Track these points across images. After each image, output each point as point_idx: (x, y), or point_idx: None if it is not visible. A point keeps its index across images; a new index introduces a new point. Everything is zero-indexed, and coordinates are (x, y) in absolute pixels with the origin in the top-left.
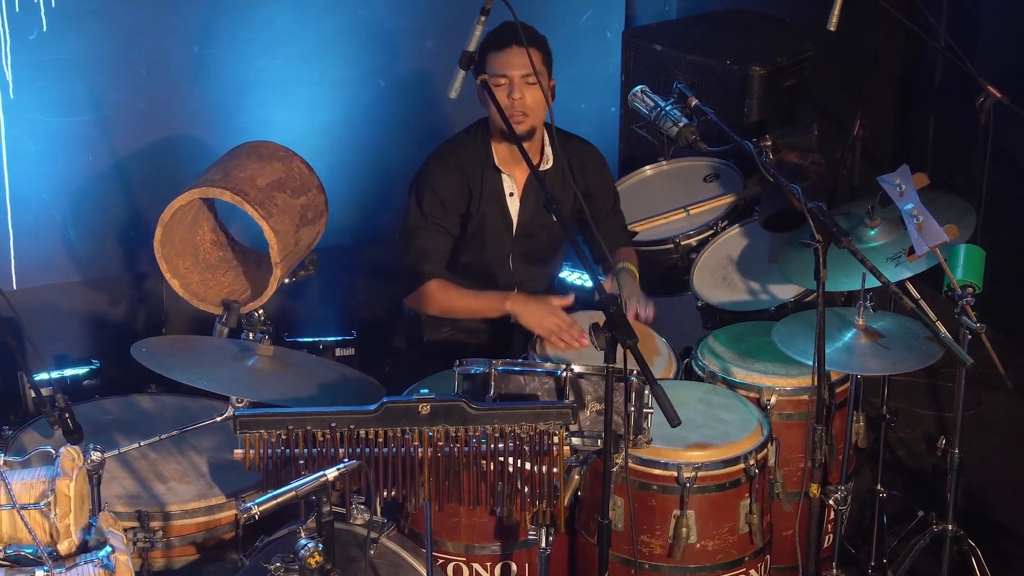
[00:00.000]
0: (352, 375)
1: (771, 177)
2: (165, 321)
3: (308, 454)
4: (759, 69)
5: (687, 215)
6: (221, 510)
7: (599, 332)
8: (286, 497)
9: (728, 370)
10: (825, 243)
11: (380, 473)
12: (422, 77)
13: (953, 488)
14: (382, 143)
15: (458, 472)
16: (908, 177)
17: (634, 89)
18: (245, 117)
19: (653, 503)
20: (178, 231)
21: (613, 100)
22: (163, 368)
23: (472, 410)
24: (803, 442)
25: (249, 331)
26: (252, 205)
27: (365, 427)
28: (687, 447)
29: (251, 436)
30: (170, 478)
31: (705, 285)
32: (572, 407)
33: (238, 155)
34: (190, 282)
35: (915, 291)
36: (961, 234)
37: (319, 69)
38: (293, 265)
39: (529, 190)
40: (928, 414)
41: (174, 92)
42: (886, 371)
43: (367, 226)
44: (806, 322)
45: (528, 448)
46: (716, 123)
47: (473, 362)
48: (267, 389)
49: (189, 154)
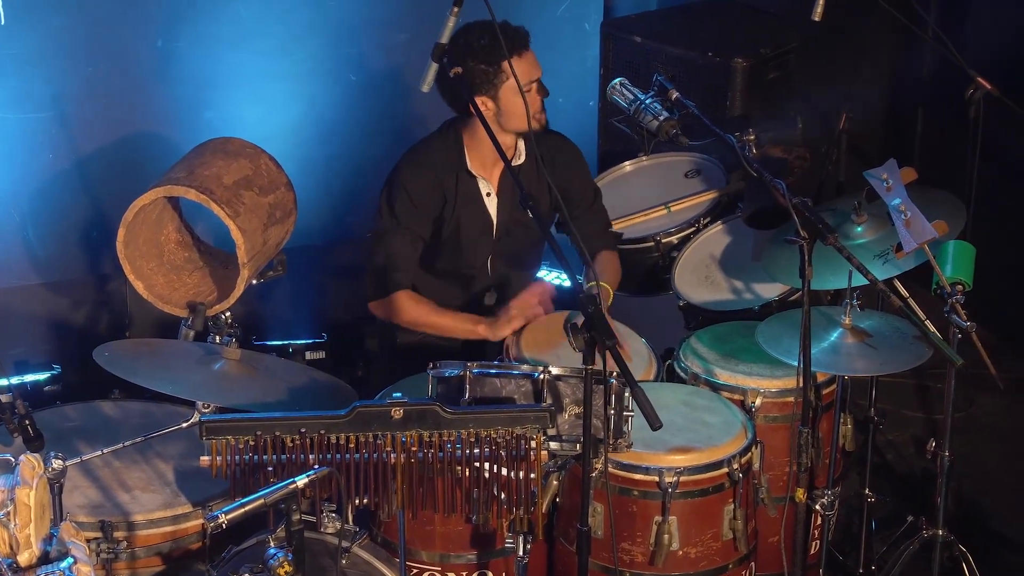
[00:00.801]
0: (322, 379)
1: (755, 172)
2: (128, 324)
3: (277, 461)
4: (742, 61)
5: (668, 212)
6: (187, 519)
7: (577, 332)
8: (254, 505)
9: (711, 371)
10: (811, 240)
11: (352, 480)
12: (394, 71)
13: (943, 492)
14: (352, 139)
15: (432, 478)
16: (896, 172)
17: (613, 82)
18: (211, 113)
19: (634, 509)
20: (142, 231)
21: (591, 94)
22: (127, 373)
23: (446, 414)
24: (788, 445)
25: (216, 334)
26: (218, 204)
27: (336, 432)
28: (669, 451)
29: (218, 442)
30: (134, 487)
31: (687, 284)
32: (550, 410)
33: (203, 152)
34: (154, 284)
35: (903, 289)
36: (950, 230)
37: (287, 63)
38: (261, 266)
39: (505, 187)
40: (917, 416)
41: (137, 87)
42: (874, 372)
43: (337, 225)
44: (791, 322)
45: (504, 453)
46: (698, 117)
47: (447, 365)
48: (234, 394)
49: (153, 151)
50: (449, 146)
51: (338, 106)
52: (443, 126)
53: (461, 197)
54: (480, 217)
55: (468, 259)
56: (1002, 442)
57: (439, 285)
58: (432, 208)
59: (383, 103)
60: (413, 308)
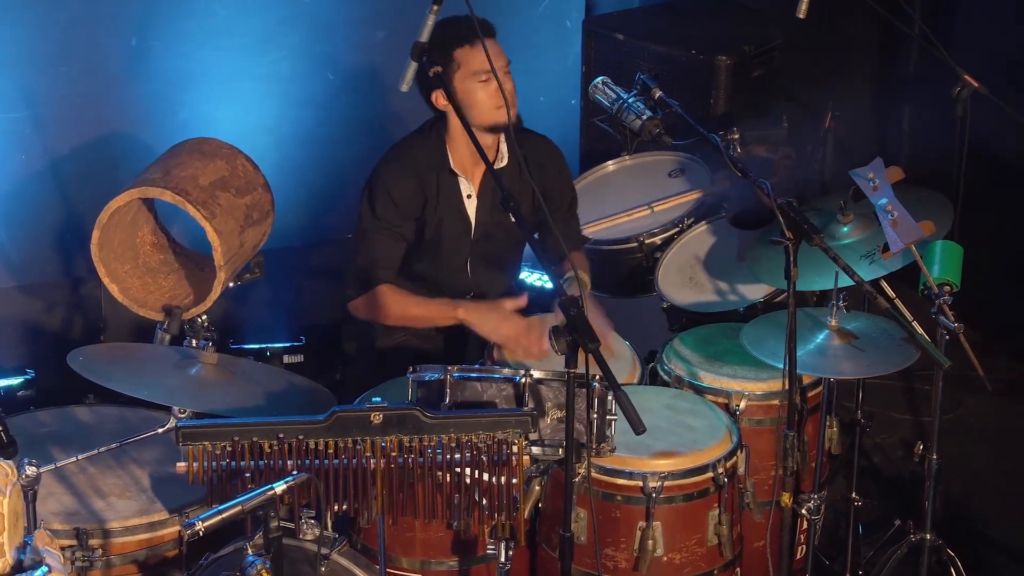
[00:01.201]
0: (301, 383)
1: (739, 172)
2: (103, 328)
3: (255, 467)
4: (726, 59)
5: (651, 212)
6: (164, 526)
7: (560, 335)
8: (232, 512)
9: (695, 374)
10: (796, 241)
11: (331, 486)
12: (372, 70)
13: (931, 496)
14: (331, 139)
15: (412, 484)
16: (882, 171)
17: (595, 81)
18: (186, 113)
19: (617, 514)
20: (116, 233)
21: (573, 92)
22: (101, 378)
23: (427, 419)
24: (774, 449)
25: (192, 338)
26: (194, 205)
27: (314, 438)
28: (653, 455)
29: (195, 448)
30: (110, 493)
31: (671, 285)
32: (532, 415)
33: (179, 153)
34: (129, 287)
35: (890, 290)
36: (938, 230)
37: (264, 62)
38: (238, 268)
39: (486, 189)
40: (905, 418)
41: (111, 87)
42: (860, 374)
43: (315, 226)
44: (776, 323)
45: (486, 458)
46: (681, 116)
47: (427, 368)
48: (211, 399)
49: (128, 152)
50: (431, 145)
51: (316, 105)
52: (424, 125)
53: (443, 196)
54: (460, 219)
55: (447, 261)
56: (991, 444)
57: (419, 289)
58: (414, 208)
59: (361, 102)
60: (392, 302)
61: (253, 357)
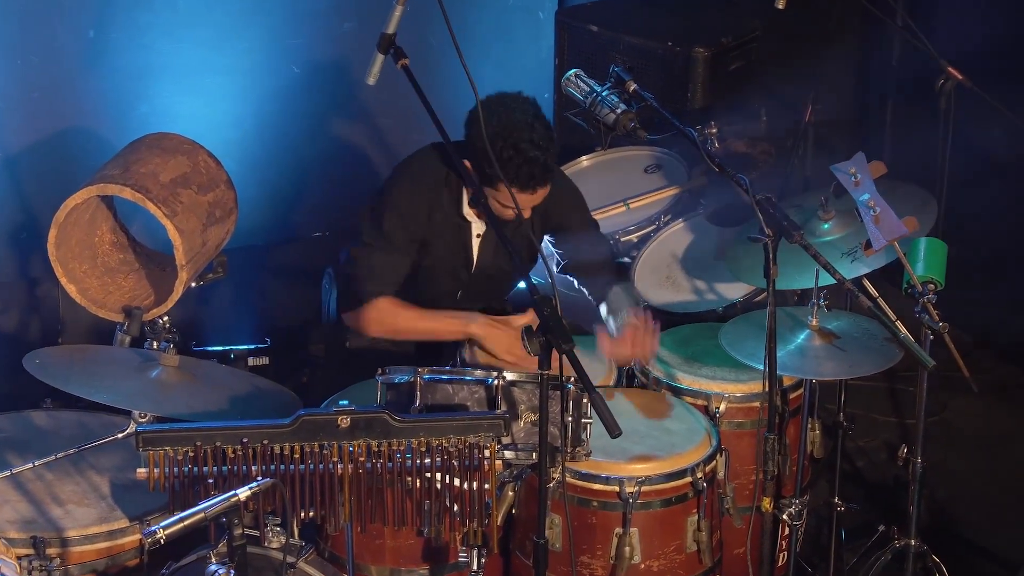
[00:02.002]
0: (266, 386)
1: (717, 167)
2: (61, 330)
3: (218, 472)
4: (703, 51)
5: (627, 209)
6: (124, 535)
7: (532, 336)
8: (194, 519)
9: (673, 376)
10: (775, 238)
11: (297, 492)
12: (339, 62)
13: (916, 500)
14: (296, 134)
15: (381, 490)
16: (864, 166)
17: (568, 73)
18: (146, 107)
19: (593, 520)
20: (74, 232)
21: (546, 86)
22: (59, 381)
23: (396, 422)
24: (754, 453)
25: (153, 340)
26: (155, 203)
27: (280, 442)
28: (629, 460)
29: (155, 454)
30: (68, 501)
31: (647, 285)
32: (504, 418)
33: (139, 148)
34: (88, 287)
35: (873, 288)
36: (921, 226)
37: (227, 54)
38: (200, 267)
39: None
40: (888, 421)
41: (68, 81)
42: (842, 375)
43: (280, 224)
44: (756, 323)
45: (457, 463)
46: (657, 109)
47: (397, 370)
48: (173, 402)
49: (85, 148)
50: (448, 183)
51: (281, 99)
52: (446, 153)
53: (450, 231)
54: (463, 253)
55: (439, 291)
56: (977, 447)
57: None
58: (420, 232)
59: (328, 96)
60: (394, 315)
61: (216, 359)
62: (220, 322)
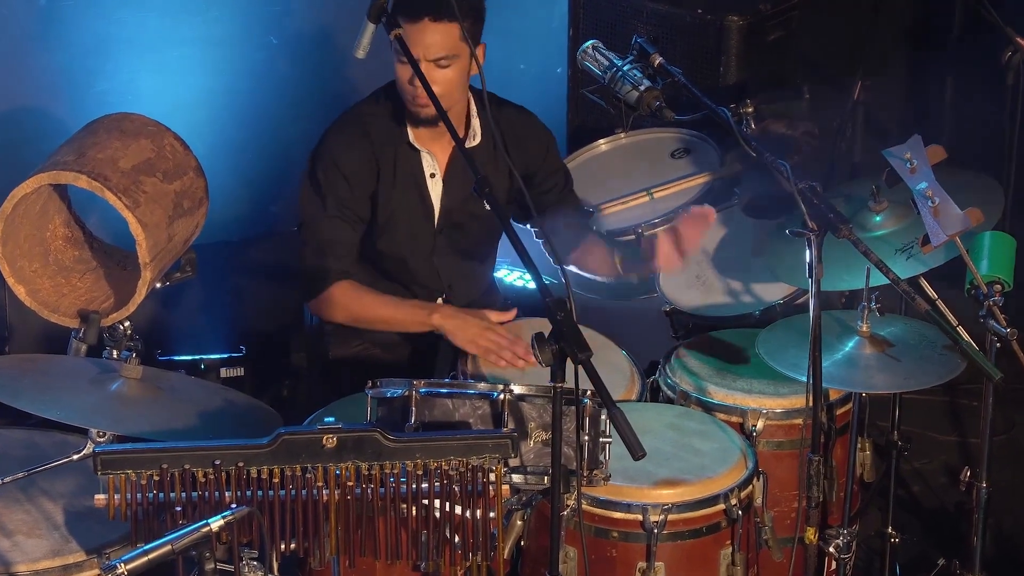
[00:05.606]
0: (241, 401)
1: (753, 152)
2: (8, 337)
3: (187, 499)
4: (737, 19)
5: (651, 199)
6: (80, 569)
7: (544, 344)
8: (160, 552)
9: (704, 389)
10: (820, 232)
11: (276, 521)
12: (323, 33)
13: (980, 530)
14: (275, 115)
15: (372, 519)
16: (921, 150)
17: (584, 45)
18: (104, 84)
19: (613, 554)
20: (23, 226)
21: (559, 59)
22: (6, 395)
23: (389, 442)
24: (796, 476)
25: (113, 348)
26: (114, 192)
27: (257, 465)
28: (654, 484)
29: (116, 478)
30: (16, 531)
31: (674, 285)
32: (512, 437)
33: (96, 131)
34: (39, 288)
35: (931, 290)
36: (986, 219)
37: (196, 24)
38: (166, 266)
39: (455, 170)
40: (949, 440)
41: (17, 54)
42: (896, 388)
43: (257, 217)
44: (798, 329)
45: (458, 488)
46: (685, 86)
47: (389, 383)
48: (135, 420)
49: (36, 130)
50: (386, 113)
51: (257, 75)
52: (379, 90)
53: (401, 174)
54: (421, 203)
55: (408, 252)
56: None
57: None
58: (368, 184)
59: (310, 71)
60: (353, 300)
61: (184, 371)
62: (189, 328)
